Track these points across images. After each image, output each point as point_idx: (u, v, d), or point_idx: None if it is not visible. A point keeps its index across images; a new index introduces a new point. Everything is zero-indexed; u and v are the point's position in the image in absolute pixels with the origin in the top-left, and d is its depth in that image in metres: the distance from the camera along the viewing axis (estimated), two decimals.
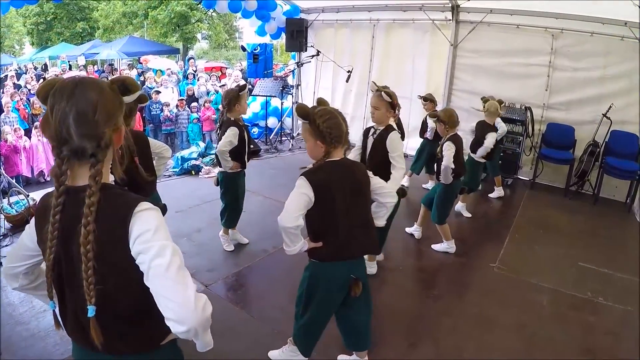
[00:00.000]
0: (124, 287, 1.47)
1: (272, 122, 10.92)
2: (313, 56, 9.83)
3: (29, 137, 9.95)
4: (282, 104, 10.45)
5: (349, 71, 9.14)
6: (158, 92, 11.90)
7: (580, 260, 5.09)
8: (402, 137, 4.71)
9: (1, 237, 5.14)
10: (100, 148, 1.40)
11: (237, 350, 3.33)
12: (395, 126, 4.03)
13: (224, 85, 12.35)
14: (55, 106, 1.38)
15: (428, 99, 7.04)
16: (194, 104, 12.05)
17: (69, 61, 18.96)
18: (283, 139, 10.51)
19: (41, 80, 13.99)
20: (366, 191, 2.75)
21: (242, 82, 7.14)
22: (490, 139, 6.08)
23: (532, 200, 7.23)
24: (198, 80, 13.54)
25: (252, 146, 4.72)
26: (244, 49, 11.55)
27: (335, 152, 2.62)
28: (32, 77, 14.08)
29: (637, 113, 7.12)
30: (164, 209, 3.67)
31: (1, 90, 12.27)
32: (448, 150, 4.69)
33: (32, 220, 1.57)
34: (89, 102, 1.39)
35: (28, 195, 5.68)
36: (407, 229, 5.56)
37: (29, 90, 12.11)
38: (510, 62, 8.11)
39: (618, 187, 7.33)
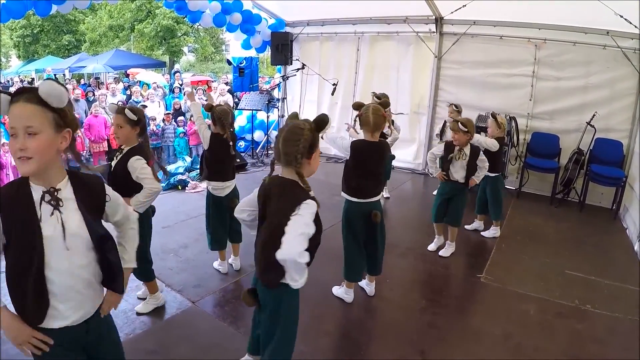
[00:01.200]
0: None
1: (258, 135, 10.90)
2: (298, 69, 9.86)
3: None
4: (268, 117, 10.45)
5: (334, 84, 9.17)
6: (144, 106, 11.85)
7: (567, 268, 5.11)
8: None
9: None
10: None
11: None
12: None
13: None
14: None
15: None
16: (181, 118, 12.03)
17: (55, 75, 18.87)
18: (269, 152, 10.46)
19: None
20: None
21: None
22: None
23: (518, 209, 7.26)
24: (184, 94, 13.51)
25: (238, 160, 4.70)
26: (229, 62, 11.58)
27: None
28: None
29: (620, 120, 7.23)
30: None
31: None
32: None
33: None
34: None
35: None
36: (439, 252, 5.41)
37: None
38: (494, 73, 8.20)
39: (604, 194, 7.42)
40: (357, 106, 4.12)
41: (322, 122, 2.44)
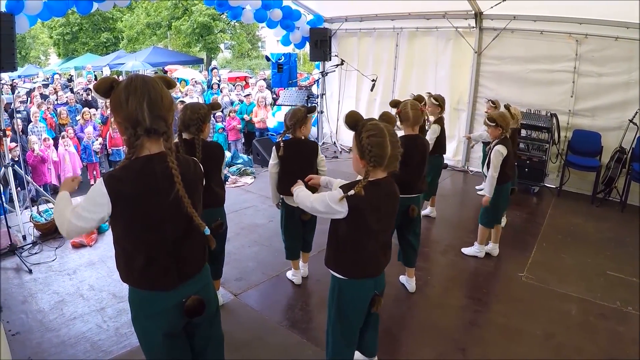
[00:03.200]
0: None
1: None
2: (337, 65, 9.89)
3: (56, 147, 10.10)
4: None
5: (373, 80, 9.17)
6: (183, 102, 12.00)
7: (609, 269, 5.04)
8: None
9: (30, 245, 5.28)
10: None
11: (265, 359, 3.40)
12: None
13: (248, 94, 12.42)
14: None
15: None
16: (219, 113, 12.15)
17: (94, 72, 19.25)
18: None
19: (68, 91, 14.22)
20: (395, 215, 2.67)
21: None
22: None
23: (559, 208, 7.16)
24: (222, 91, 13.64)
25: None
26: (268, 58, 11.65)
27: (375, 173, 2.44)
28: (54, 88, 14.26)
29: None
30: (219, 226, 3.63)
31: (28, 100, 12.53)
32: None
33: None
34: None
35: None
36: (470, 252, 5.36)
37: (56, 99, 12.31)
38: (534, 69, 8.06)
39: None
40: (395, 104, 4.18)
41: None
